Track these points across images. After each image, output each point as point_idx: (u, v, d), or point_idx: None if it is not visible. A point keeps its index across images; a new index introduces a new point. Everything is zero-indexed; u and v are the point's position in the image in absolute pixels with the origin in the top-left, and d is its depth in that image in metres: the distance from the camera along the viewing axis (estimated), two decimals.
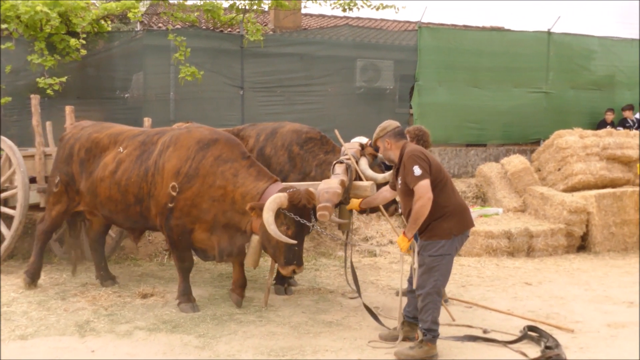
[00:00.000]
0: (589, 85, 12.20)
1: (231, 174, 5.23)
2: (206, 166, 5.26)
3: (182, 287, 5.59)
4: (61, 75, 8.97)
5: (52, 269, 7.09)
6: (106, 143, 5.90)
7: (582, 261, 8.40)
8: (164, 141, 5.53)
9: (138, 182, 5.49)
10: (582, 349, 4.77)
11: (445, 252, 4.39)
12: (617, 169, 9.92)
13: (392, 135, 4.60)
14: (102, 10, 9.58)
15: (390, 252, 8.72)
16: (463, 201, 4.64)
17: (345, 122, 10.35)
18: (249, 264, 5.51)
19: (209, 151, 5.32)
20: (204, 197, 5.25)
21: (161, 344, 4.67)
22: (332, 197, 4.82)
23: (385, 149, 4.65)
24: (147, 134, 5.81)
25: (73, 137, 6.18)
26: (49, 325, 5.00)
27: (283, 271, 5.07)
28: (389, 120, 4.76)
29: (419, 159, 4.34)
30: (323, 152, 6.26)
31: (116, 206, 5.67)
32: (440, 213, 4.37)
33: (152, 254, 8.08)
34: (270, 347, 4.64)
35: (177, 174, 5.28)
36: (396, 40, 12.05)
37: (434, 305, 4.40)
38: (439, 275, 4.40)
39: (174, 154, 5.36)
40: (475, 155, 11.33)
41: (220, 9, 10.45)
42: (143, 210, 5.56)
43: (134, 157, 5.59)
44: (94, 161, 5.87)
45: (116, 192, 5.61)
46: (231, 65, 10.48)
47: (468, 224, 4.55)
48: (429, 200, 4.25)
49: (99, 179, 5.71)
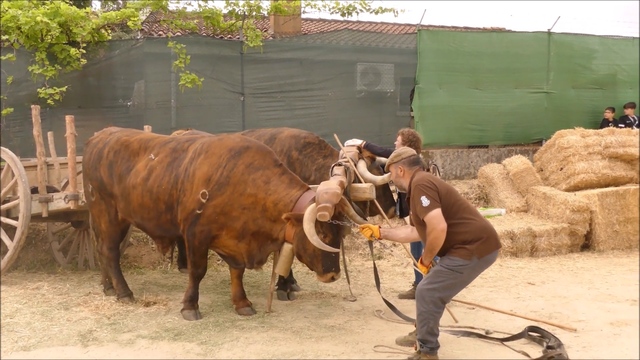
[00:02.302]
0: (590, 84, 12.17)
1: (263, 182, 5.19)
2: (237, 174, 5.22)
3: (190, 292, 5.58)
4: (62, 85, 9.03)
5: (55, 279, 7.12)
6: (136, 147, 5.85)
7: (586, 260, 8.38)
8: (195, 149, 5.49)
9: (168, 190, 5.47)
10: (584, 347, 4.76)
11: (459, 270, 4.18)
12: (620, 167, 9.90)
13: (406, 163, 4.49)
14: (102, 19, 9.63)
15: (393, 255, 8.71)
16: (486, 222, 4.34)
17: (346, 126, 10.38)
18: (281, 271, 5.48)
19: (241, 159, 5.28)
20: (233, 205, 5.21)
21: (163, 352, 4.68)
22: (331, 198, 4.82)
23: (398, 175, 4.54)
24: (178, 140, 5.78)
25: (102, 142, 6.13)
26: (52, 335, 5.01)
27: (322, 279, 5.04)
28: (405, 147, 4.73)
29: (426, 188, 4.18)
30: (322, 157, 6.28)
31: (148, 213, 5.63)
32: (461, 239, 4.19)
33: (155, 262, 8.10)
34: (272, 352, 4.64)
35: (208, 181, 5.25)
36: (396, 44, 12.05)
37: (430, 316, 4.22)
38: (440, 287, 4.19)
39: (206, 162, 5.32)
40: (477, 156, 11.32)
41: (219, 15, 10.50)
42: (173, 217, 5.52)
43: (165, 164, 5.56)
44: (121, 164, 5.82)
45: (148, 199, 5.57)
46: (231, 71, 10.51)
47: (491, 247, 4.25)
48: (442, 231, 4.09)
49: (132, 186, 5.67)
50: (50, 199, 6.78)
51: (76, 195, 6.55)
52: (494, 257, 4.31)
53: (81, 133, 7.13)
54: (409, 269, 7.86)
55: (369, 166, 5.87)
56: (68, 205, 6.61)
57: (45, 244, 8.11)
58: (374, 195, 5.59)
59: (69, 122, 6.58)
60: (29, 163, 7.23)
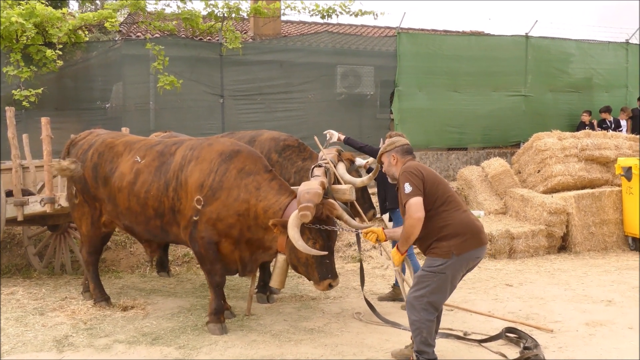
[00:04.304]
0: (566, 88, 12.39)
1: (254, 187, 5.09)
2: (230, 179, 5.12)
3: (214, 305, 5.26)
4: (38, 87, 8.91)
5: (31, 284, 7.00)
6: (121, 149, 5.75)
7: (563, 261, 8.49)
8: (184, 155, 5.37)
9: (158, 196, 5.34)
10: (560, 348, 4.82)
11: (440, 270, 4.09)
12: (596, 169, 10.05)
13: (399, 152, 4.43)
14: (79, 20, 9.51)
15: (373, 257, 8.74)
16: (473, 219, 4.24)
17: (327, 129, 10.29)
18: (276, 284, 5.40)
19: (232, 163, 5.18)
20: (229, 210, 5.09)
21: (141, 357, 4.62)
22: (313, 198, 4.76)
23: (390, 164, 4.48)
24: (165, 144, 5.66)
25: (87, 143, 6.02)
26: (26, 341, 4.92)
27: (320, 287, 4.84)
28: (398, 136, 4.62)
29: (411, 175, 4.13)
30: (301, 159, 6.27)
31: (136, 218, 5.53)
32: (441, 233, 4.11)
33: (133, 266, 8.01)
34: (251, 356, 4.62)
35: (201, 187, 5.14)
36: (376, 46, 12.12)
37: (423, 324, 4.12)
38: (427, 292, 4.10)
39: (197, 168, 5.22)
40: (456, 159, 11.42)
41: (198, 17, 10.44)
42: (164, 224, 5.41)
43: (152, 169, 5.44)
44: (106, 165, 5.72)
45: (135, 204, 5.46)
46: (210, 73, 10.47)
47: (474, 244, 4.15)
48: (419, 220, 4.01)
49: (117, 189, 5.56)
50: (25, 202, 6.66)
51: (52, 198, 6.44)
52: (476, 254, 4.19)
53: (58, 136, 7.02)
54: (389, 271, 7.89)
55: (348, 168, 5.88)
56: (44, 208, 6.50)
57: (21, 249, 7.97)
58: (354, 196, 5.59)
59: (45, 124, 6.47)
60: (4, 166, 7.10)
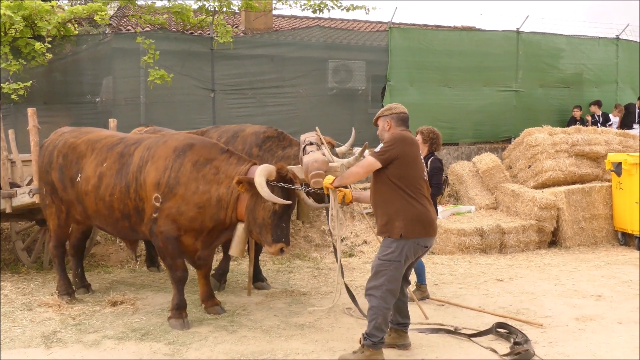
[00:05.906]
0: (557, 83, 12.40)
1: (212, 174, 5.19)
2: (186, 173, 5.20)
3: (176, 300, 5.34)
4: (26, 80, 8.81)
5: (19, 279, 6.94)
6: (83, 149, 5.79)
7: (553, 256, 8.52)
8: (141, 155, 5.43)
9: (122, 199, 5.42)
10: (551, 343, 4.83)
11: (395, 258, 4.27)
12: (586, 164, 10.09)
13: (395, 118, 4.55)
14: (68, 13, 9.41)
15: (364, 252, 8.75)
16: (428, 210, 4.37)
17: (318, 123, 10.12)
18: (235, 253, 5.40)
19: (186, 158, 5.26)
20: (189, 204, 5.16)
21: (130, 352, 4.59)
22: (321, 166, 4.89)
23: (383, 128, 4.58)
24: (125, 143, 5.68)
25: (52, 144, 6.05)
26: (14, 337, 4.88)
27: (271, 249, 4.95)
28: (398, 104, 4.72)
29: (390, 144, 4.33)
30: (281, 148, 6.37)
31: (105, 220, 5.62)
32: (395, 210, 4.28)
33: (123, 261, 7.96)
34: (241, 351, 4.60)
35: (158, 185, 5.22)
36: (367, 41, 12.08)
37: (379, 311, 4.28)
38: (385, 280, 4.27)
39: (153, 167, 5.29)
40: (447, 154, 11.41)
41: (189, 10, 10.37)
42: (132, 225, 5.49)
43: (114, 172, 5.51)
44: (71, 167, 5.77)
45: (102, 207, 5.54)
46: (201, 67, 10.39)
47: (423, 232, 4.31)
48: (357, 175, 4.49)
49: (84, 193, 5.63)
50: (13, 194, 6.61)
51: None
52: (424, 242, 4.35)
53: (47, 130, 6.93)
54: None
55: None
56: (33, 199, 6.45)
57: (9, 244, 7.90)
58: None
59: (31, 115, 6.42)
60: None
